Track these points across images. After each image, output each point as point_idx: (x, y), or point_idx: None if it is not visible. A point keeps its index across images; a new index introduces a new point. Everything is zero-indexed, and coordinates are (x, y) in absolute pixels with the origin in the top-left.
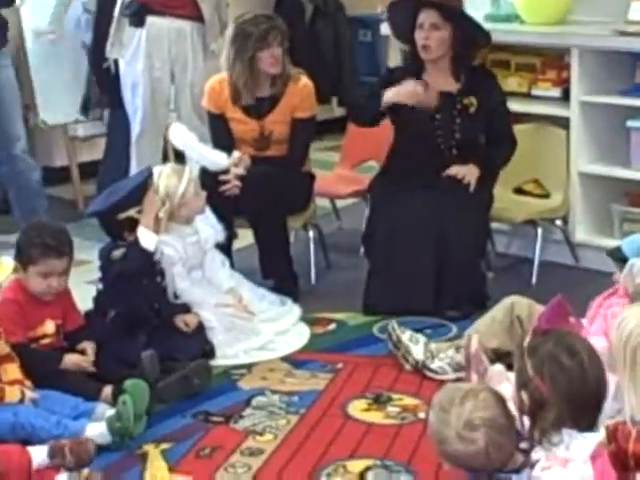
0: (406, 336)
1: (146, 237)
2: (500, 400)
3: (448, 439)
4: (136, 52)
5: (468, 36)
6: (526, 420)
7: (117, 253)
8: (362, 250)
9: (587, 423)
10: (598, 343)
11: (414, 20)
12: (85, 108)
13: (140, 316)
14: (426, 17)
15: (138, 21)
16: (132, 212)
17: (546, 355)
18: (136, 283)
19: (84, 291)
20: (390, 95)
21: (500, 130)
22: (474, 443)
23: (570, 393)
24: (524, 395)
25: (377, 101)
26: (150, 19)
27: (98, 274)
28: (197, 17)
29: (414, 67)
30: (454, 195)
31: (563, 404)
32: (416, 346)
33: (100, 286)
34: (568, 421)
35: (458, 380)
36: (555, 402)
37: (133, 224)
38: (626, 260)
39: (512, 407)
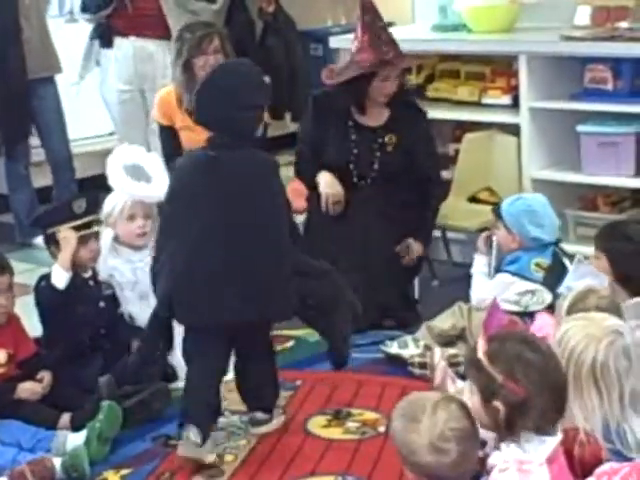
0: (394, 349)
1: (57, 274)
2: (468, 410)
3: (418, 450)
4: (107, 72)
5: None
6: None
7: (42, 285)
8: None
9: (560, 415)
10: None
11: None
12: None
13: (83, 344)
14: (393, 71)
15: (107, 42)
16: (55, 230)
17: (511, 356)
18: (69, 311)
19: (36, 317)
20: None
21: (427, 172)
22: (447, 455)
23: (545, 384)
24: (497, 404)
25: (312, 173)
26: (117, 40)
27: None
28: (163, 36)
29: (357, 107)
30: (385, 212)
31: (544, 396)
32: (406, 349)
33: None
34: (551, 413)
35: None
36: (536, 397)
37: (57, 241)
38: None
39: None
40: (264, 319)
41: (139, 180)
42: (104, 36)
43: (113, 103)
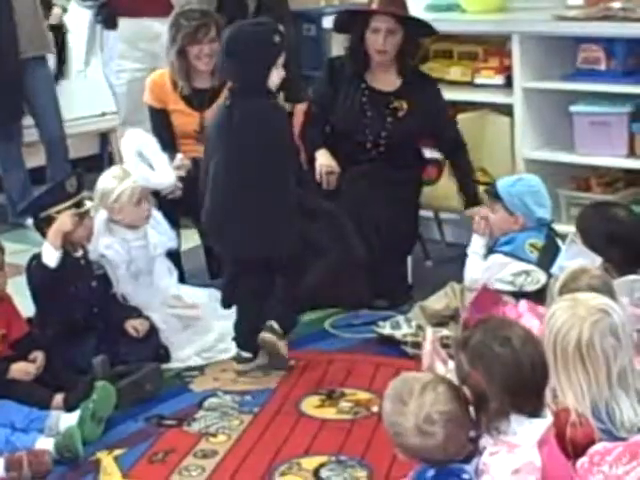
0: (387, 330)
1: (48, 253)
2: (458, 392)
3: (405, 432)
4: (111, 54)
5: (415, 35)
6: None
7: (33, 264)
8: None
9: (531, 409)
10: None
11: (364, 23)
12: None
13: (76, 323)
14: (382, 22)
15: (111, 24)
16: (51, 212)
17: (477, 347)
18: (61, 290)
19: (29, 297)
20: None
21: (450, 139)
22: (433, 437)
23: (506, 380)
24: (466, 390)
25: (318, 139)
26: (122, 21)
27: None
28: (167, 13)
29: (359, 65)
30: (381, 189)
31: (501, 393)
32: (399, 330)
33: None
34: (510, 409)
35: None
36: (494, 392)
37: (51, 222)
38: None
39: None
40: (268, 255)
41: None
42: (108, 18)
43: (119, 84)
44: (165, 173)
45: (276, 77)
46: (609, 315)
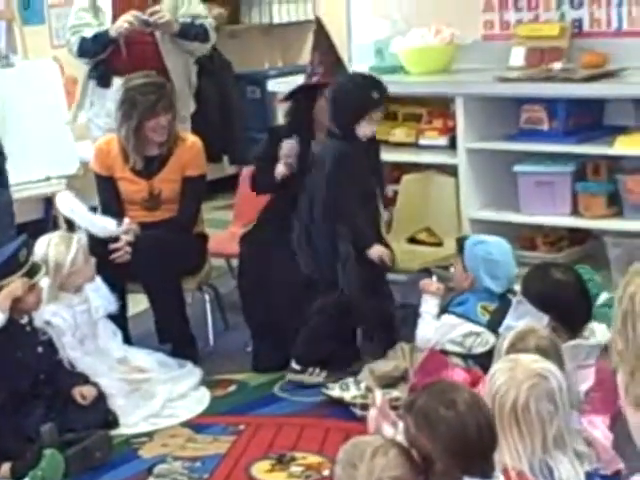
0: (336, 392)
1: None
2: (409, 456)
3: None
4: (100, 111)
5: None
6: None
7: None
8: None
9: (479, 471)
10: None
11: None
12: None
13: (23, 390)
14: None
15: (105, 82)
16: (3, 283)
17: (422, 410)
18: (6, 356)
19: None
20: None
21: None
22: None
23: (451, 443)
24: (414, 453)
25: (269, 178)
26: (116, 80)
27: None
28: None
29: (304, 136)
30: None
31: (447, 455)
32: (347, 392)
33: None
34: (457, 472)
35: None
36: (439, 455)
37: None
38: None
39: None
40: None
41: None
42: (103, 76)
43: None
44: (105, 220)
45: (367, 128)
46: (547, 380)
